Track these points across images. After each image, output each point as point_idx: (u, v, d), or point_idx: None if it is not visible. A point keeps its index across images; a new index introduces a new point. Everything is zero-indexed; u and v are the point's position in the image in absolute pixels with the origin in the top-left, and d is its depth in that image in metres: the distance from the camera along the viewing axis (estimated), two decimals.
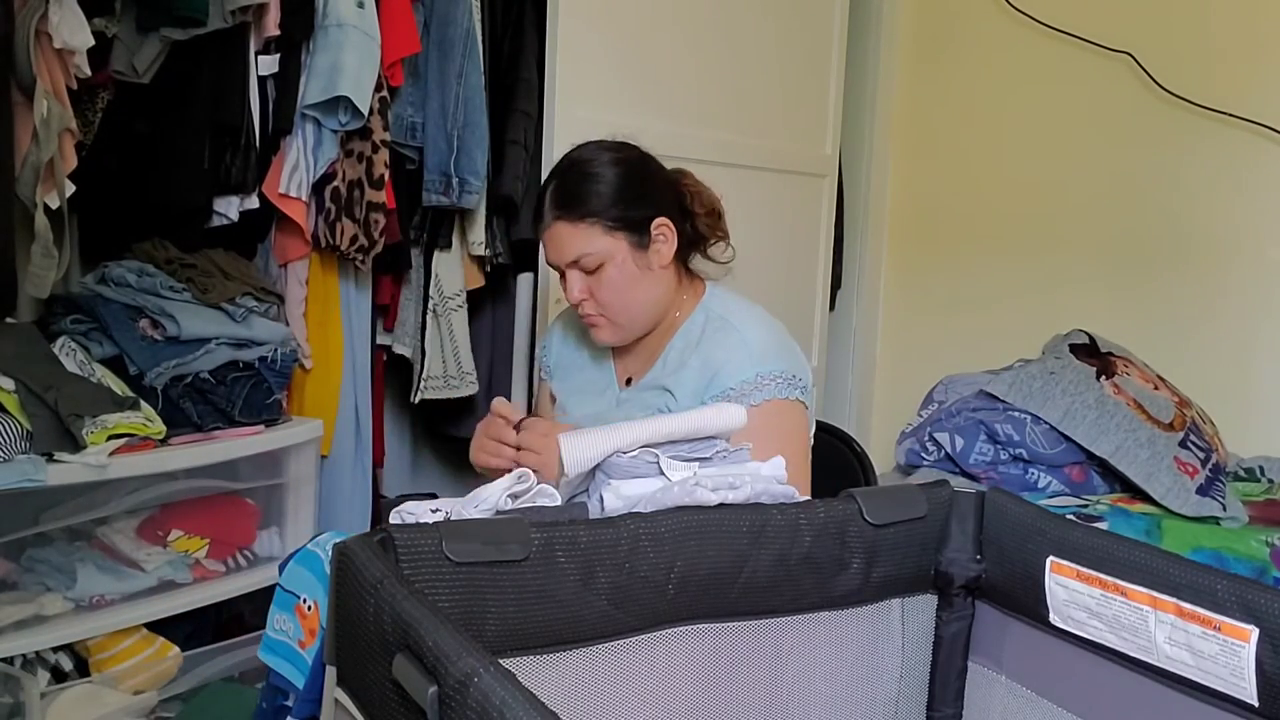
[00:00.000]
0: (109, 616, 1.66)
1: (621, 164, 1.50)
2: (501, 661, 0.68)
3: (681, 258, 1.56)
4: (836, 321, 3.08)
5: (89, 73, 1.59)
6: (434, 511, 1.10)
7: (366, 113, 1.90)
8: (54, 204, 1.59)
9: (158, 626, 1.73)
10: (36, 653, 1.59)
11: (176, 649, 1.72)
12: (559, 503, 1.13)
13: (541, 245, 1.56)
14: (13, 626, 1.55)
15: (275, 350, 1.90)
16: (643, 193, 1.50)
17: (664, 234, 1.50)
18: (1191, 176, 2.54)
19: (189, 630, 1.81)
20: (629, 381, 1.58)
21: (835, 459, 1.76)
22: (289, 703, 1.13)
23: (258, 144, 1.86)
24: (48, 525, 1.64)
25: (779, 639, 1.10)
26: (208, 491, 1.82)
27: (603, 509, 1.08)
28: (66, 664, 1.63)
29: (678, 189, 1.57)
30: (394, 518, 1.11)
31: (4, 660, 1.55)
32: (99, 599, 1.66)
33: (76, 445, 1.54)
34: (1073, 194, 2.74)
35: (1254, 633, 0.89)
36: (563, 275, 1.52)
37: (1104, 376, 1.98)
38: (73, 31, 1.52)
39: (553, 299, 2.11)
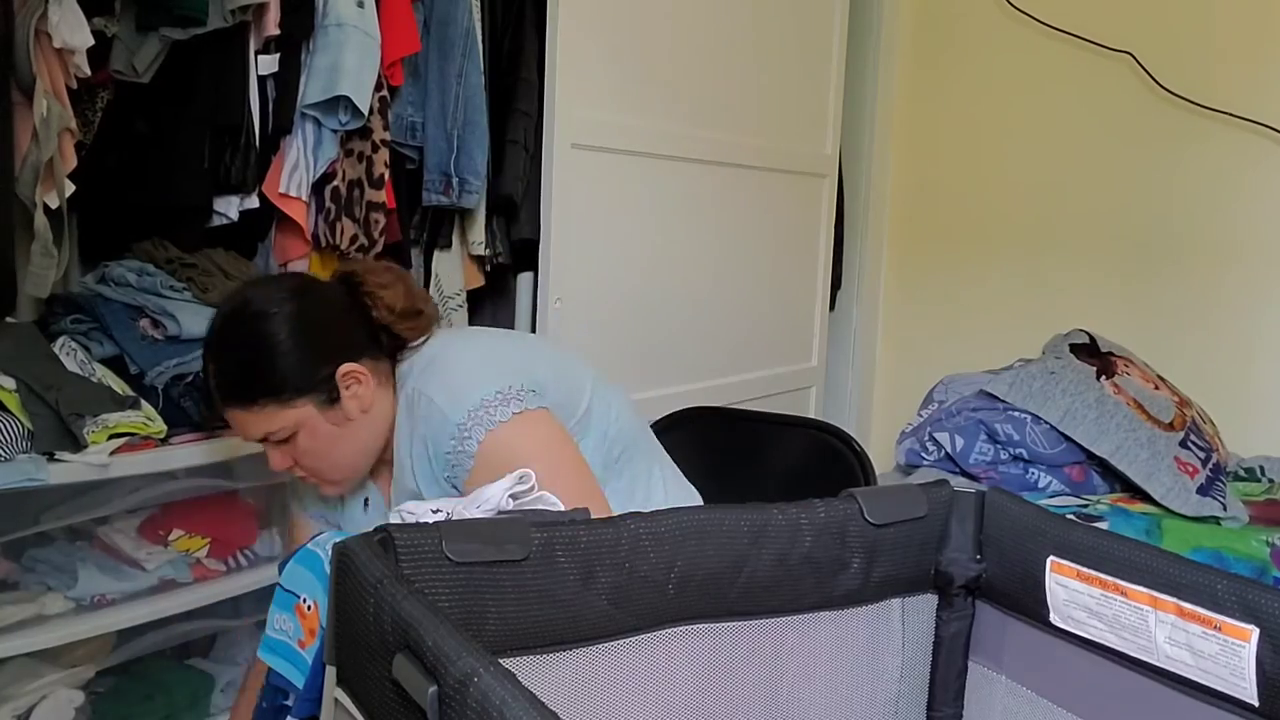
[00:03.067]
0: (109, 616, 1.65)
1: (282, 324, 1.32)
2: (501, 661, 0.68)
3: (388, 368, 1.41)
4: (836, 321, 3.08)
5: (89, 72, 1.59)
6: (434, 511, 1.10)
7: (366, 112, 1.90)
8: (54, 203, 1.59)
9: None
10: None
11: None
12: (561, 507, 1.13)
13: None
14: (14, 626, 1.55)
15: None
16: (317, 351, 1.34)
17: (357, 378, 1.35)
18: (1192, 176, 2.54)
19: None
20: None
21: (835, 459, 1.76)
22: (289, 702, 1.13)
23: (258, 143, 1.86)
24: (49, 525, 1.64)
25: (779, 639, 1.10)
26: (209, 491, 1.82)
27: None
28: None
29: (362, 311, 1.39)
30: (394, 517, 1.11)
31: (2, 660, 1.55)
32: (100, 598, 1.66)
33: (77, 445, 1.54)
34: (1073, 194, 2.74)
35: (1254, 633, 0.89)
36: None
37: (1104, 376, 1.98)
38: (72, 31, 1.52)
39: (552, 299, 2.11)
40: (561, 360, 1.48)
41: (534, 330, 2.23)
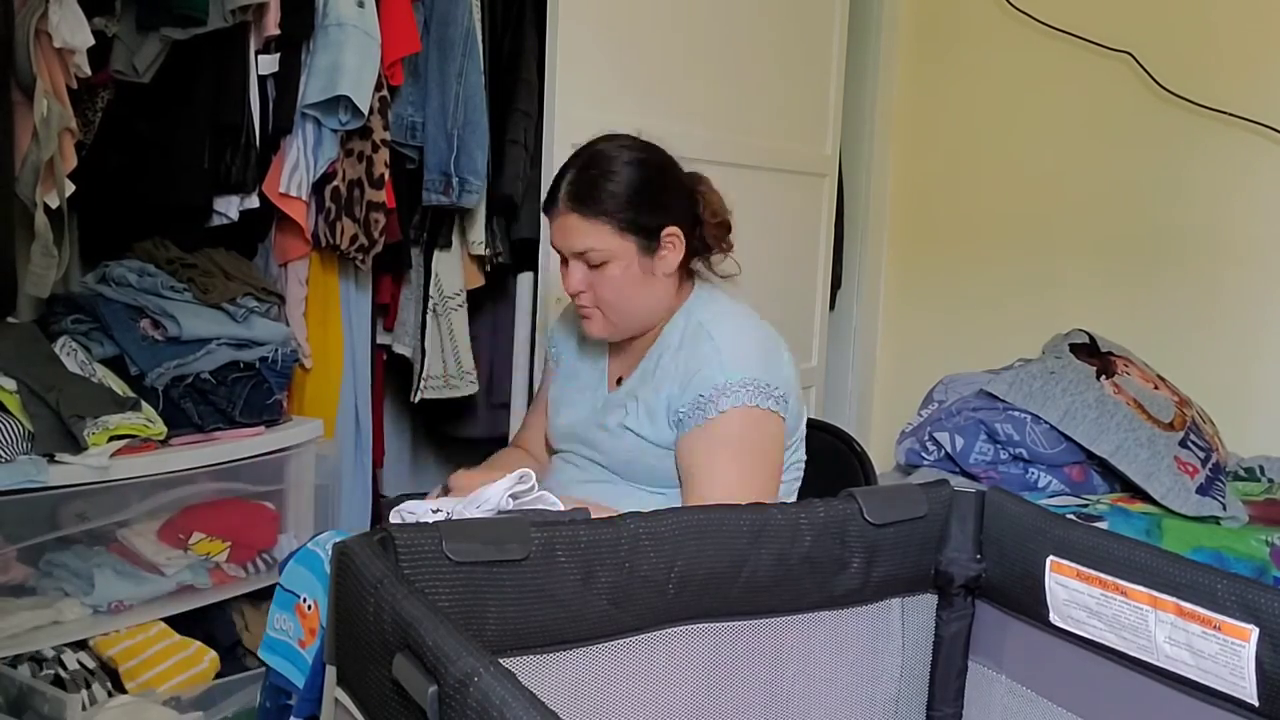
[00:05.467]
0: (125, 621, 1.65)
1: (642, 167, 1.47)
2: (501, 661, 0.68)
3: (684, 263, 1.54)
4: (836, 321, 3.08)
5: (89, 72, 1.59)
6: (434, 511, 1.10)
7: (366, 112, 1.90)
8: (54, 203, 1.59)
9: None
10: (61, 661, 1.58)
11: (212, 652, 1.71)
12: (561, 508, 1.13)
13: (548, 227, 1.54)
14: (30, 632, 1.55)
15: (276, 350, 1.89)
16: (658, 199, 1.48)
17: (673, 243, 1.48)
18: (1191, 176, 2.54)
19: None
20: (619, 382, 1.58)
21: (835, 459, 1.76)
22: (292, 702, 1.13)
23: (258, 143, 1.86)
24: (69, 529, 1.63)
25: (779, 638, 1.10)
26: (228, 494, 1.82)
27: None
28: (104, 683, 1.60)
29: (693, 196, 1.54)
30: (394, 517, 1.11)
31: (32, 659, 1.54)
32: (117, 604, 1.65)
33: (78, 446, 1.54)
34: (1073, 194, 2.74)
35: (1254, 632, 0.89)
36: (565, 261, 1.50)
37: (1104, 376, 1.98)
38: (73, 31, 1.52)
39: (553, 299, 2.11)
40: (799, 392, 1.56)
41: (534, 329, 2.23)
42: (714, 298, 1.56)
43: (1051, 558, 1.05)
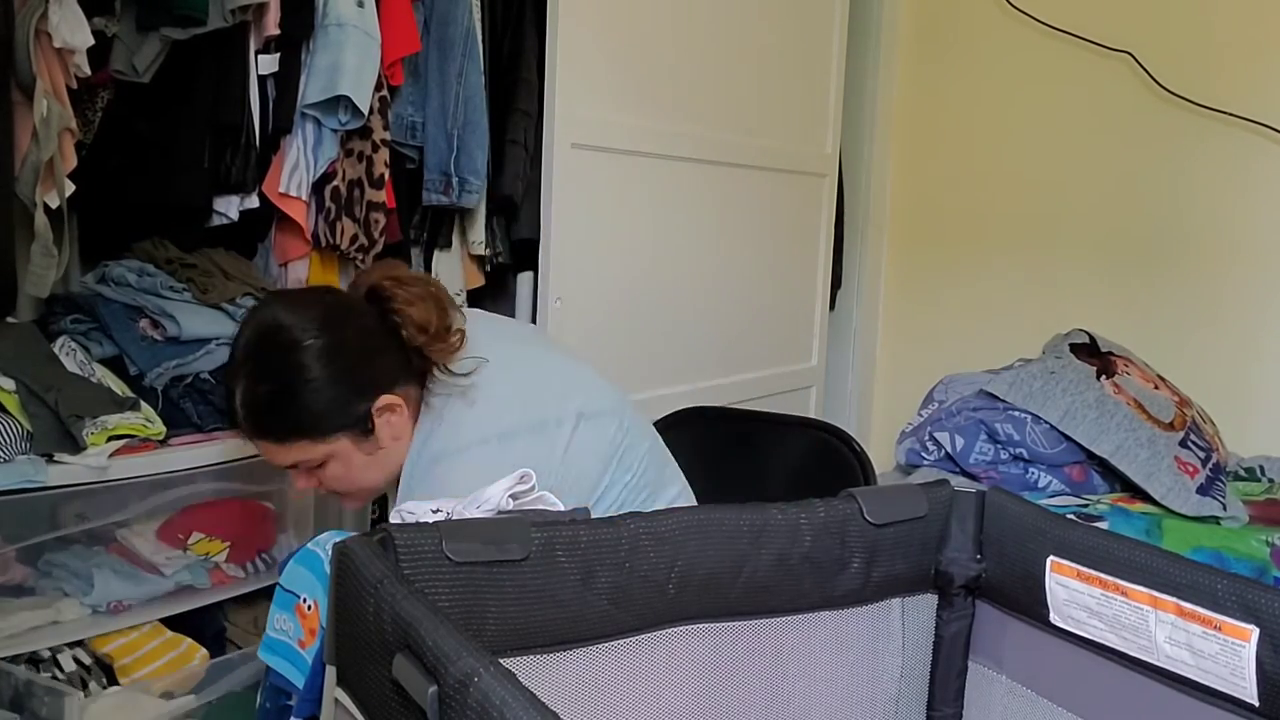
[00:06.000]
0: (125, 621, 1.64)
1: (316, 357, 1.27)
2: (501, 661, 0.68)
3: (419, 391, 1.36)
4: (836, 321, 3.08)
5: (89, 72, 1.59)
6: (434, 511, 1.10)
7: (366, 112, 1.90)
8: (54, 203, 1.59)
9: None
10: (57, 661, 1.58)
11: (203, 649, 1.71)
12: (561, 508, 1.13)
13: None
14: (29, 632, 1.54)
15: None
16: (353, 384, 1.29)
17: (391, 409, 1.32)
18: (1192, 176, 2.54)
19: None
20: None
21: (835, 459, 1.76)
22: (292, 702, 1.13)
23: (258, 143, 1.86)
24: (69, 529, 1.62)
25: (779, 639, 1.10)
26: (228, 494, 1.81)
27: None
28: (100, 680, 1.60)
29: (383, 328, 1.33)
30: (394, 517, 1.11)
31: (29, 661, 1.54)
32: (116, 604, 1.64)
33: (77, 446, 1.54)
34: (1073, 194, 2.74)
35: (1254, 632, 0.89)
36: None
37: (1104, 376, 1.98)
38: (72, 31, 1.52)
39: (552, 299, 2.11)
40: (592, 396, 1.41)
41: None
42: (451, 385, 1.35)
43: (1052, 558, 1.05)
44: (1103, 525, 1.72)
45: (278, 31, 1.82)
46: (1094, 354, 2.08)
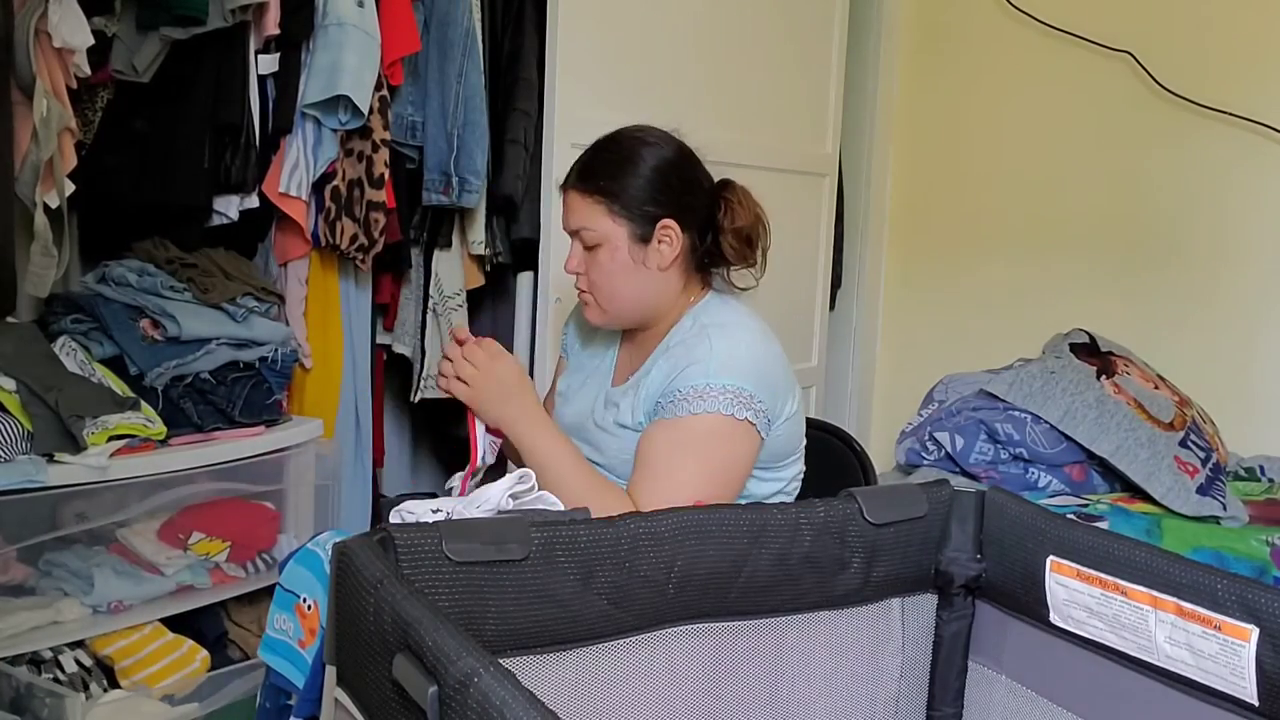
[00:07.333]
0: (125, 621, 1.65)
1: (653, 155, 1.47)
2: (501, 661, 0.68)
3: (696, 266, 1.52)
4: (836, 321, 3.08)
5: (89, 72, 1.59)
6: (434, 511, 1.10)
7: (366, 112, 1.90)
8: (54, 203, 1.59)
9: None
10: (58, 662, 1.58)
11: (204, 652, 1.72)
12: (561, 508, 1.13)
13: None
14: (30, 632, 1.54)
15: (276, 350, 1.89)
16: (662, 190, 1.46)
17: (668, 237, 1.47)
18: (1191, 176, 2.54)
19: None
20: (625, 378, 1.57)
21: (835, 459, 1.76)
22: (292, 702, 1.13)
23: (258, 143, 1.86)
24: (69, 529, 1.62)
25: (779, 638, 1.10)
26: (229, 494, 1.82)
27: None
28: (100, 681, 1.61)
29: (712, 198, 1.52)
30: (394, 517, 1.11)
31: (30, 662, 1.54)
32: (117, 604, 1.64)
33: (77, 446, 1.54)
34: (1073, 193, 2.74)
35: (1254, 632, 0.89)
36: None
37: (1104, 376, 1.98)
38: (72, 30, 1.52)
39: (552, 299, 2.11)
40: (796, 412, 1.52)
41: (534, 329, 2.23)
42: (726, 305, 1.53)
43: (1051, 558, 1.05)
44: (1103, 525, 1.72)
45: (278, 31, 1.82)
46: (1094, 354, 2.08)
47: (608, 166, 1.47)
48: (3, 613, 1.53)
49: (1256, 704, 0.90)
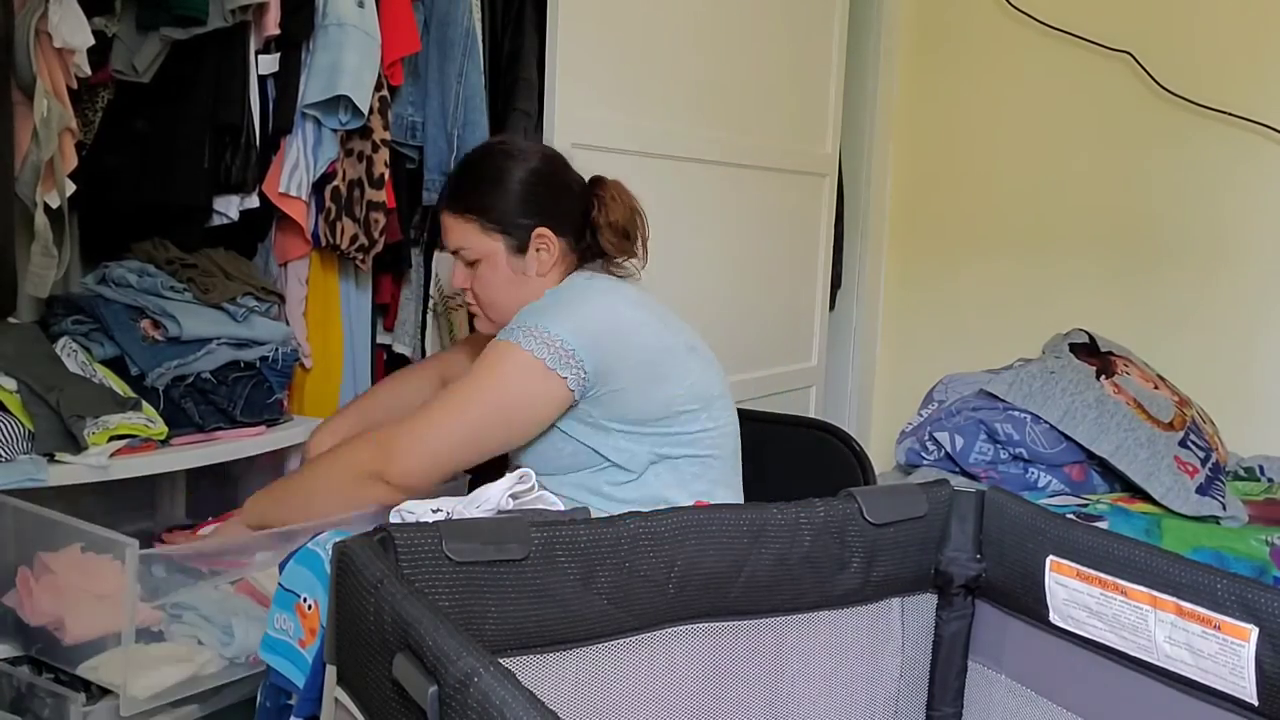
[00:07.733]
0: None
1: (520, 168, 1.51)
2: (501, 661, 0.68)
3: (577, 264, 1.55)
4: (836, 321, 3.08)
5: (89, 72, 1.59)
6: (434, 511, 1.10)
7: (367, 112, 1.90)
8: (54, 203, 1.59)
9: None
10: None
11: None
12: (561, 508, 1.13)
13: None
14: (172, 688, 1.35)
15: (276, 350, 1.89)
16: (532, 200, 1.51)
17: (545, 244, 1.51)
18: (1191, 176, 2.54)
19: None
20: None
21: (835, 459, 1.76)
22: (292, 702, 1.13)
23: (258, 143, 1.86)
24: (199, 579, 1.45)
25: (779, 638, 1.10)
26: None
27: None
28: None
29: (585, 198, 1.55)
30: (394, 517, 1.11)
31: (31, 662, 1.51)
32: (254, 658, 1.35)
33: (78, 446, 1.54)
34: (1072, 193, 2.74)
35: (1254, 632, 0.89)
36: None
37: (1104, 376, 1.98)
38: (73, 31, 1.52)
39: None
40: (677, 365, 1.49)
41: None
42: (584, 276, 1.54)
43: (1051, 557, 1.06)
44: (1103, 525, 1.72)
45: (278, 31, 1.82)
46: (1094, 354, 2.08)
47: (477, 185, 1.52)
48: (142, 666, 1.38)
49: (1256, 704, 0.90)
